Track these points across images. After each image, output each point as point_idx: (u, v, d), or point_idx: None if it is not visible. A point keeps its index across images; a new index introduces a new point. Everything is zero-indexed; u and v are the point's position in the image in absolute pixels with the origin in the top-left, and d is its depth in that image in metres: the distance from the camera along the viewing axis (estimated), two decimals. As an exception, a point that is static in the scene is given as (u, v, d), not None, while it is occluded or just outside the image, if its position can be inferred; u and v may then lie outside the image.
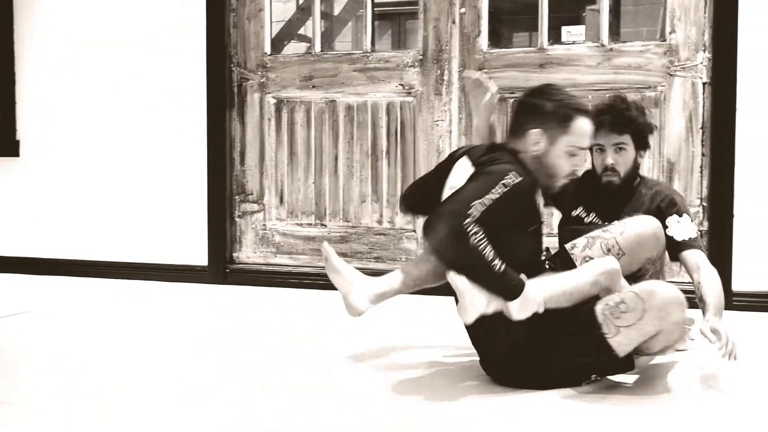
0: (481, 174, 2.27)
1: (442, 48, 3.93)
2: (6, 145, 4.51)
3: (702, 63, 3.60)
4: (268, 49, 4.21)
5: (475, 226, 2.13)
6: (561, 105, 2.35)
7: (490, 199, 2.17)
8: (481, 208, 2.15)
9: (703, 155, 3.61)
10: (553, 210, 3.09)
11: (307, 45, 4.26)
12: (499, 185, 2.19)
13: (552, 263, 2.53)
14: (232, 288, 4.09)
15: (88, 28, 4.37)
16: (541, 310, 2.23)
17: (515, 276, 2.20)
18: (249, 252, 4.25)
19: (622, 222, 2.55)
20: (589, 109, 2.43)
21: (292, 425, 2.07)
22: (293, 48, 6.22)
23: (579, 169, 2.41)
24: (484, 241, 2.13)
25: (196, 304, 3.74)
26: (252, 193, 4.23)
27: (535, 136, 2.34)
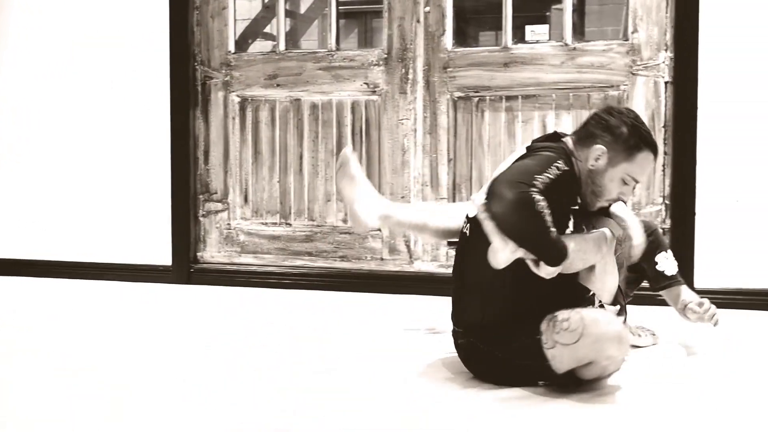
0: (537, 154, 2.29)
1: (406, 47, 3.93)
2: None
3: (664, 62, 3.63)
4: (232, 48, 4.18)
5: (539, 195, 2.13)
6: (635, 133, 2.34)
7: (547, 177, 2.17)
8: (545, 181, 2.16)
9: (665, 154, 3.63)
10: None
11: (273, 43, 4.24)
12: (553, 167, 2.20)
13: None
14: (196, 288, 4.06)
15: (51, 27, 4.32)
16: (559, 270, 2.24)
17: (563, 243, 2.19)
18: (213, 251, 4.22)
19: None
20: (657, 147, 2.41)
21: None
22: (259, 46, 6.18)
23: (625, 197, 2.42)
24: (547, 209, 2.13)
25: (163, 304, 3.71)
26: (216, 192, 4.21)
27: (599, 153, 2.34)
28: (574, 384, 2.30)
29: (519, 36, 6.57)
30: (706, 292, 3.47)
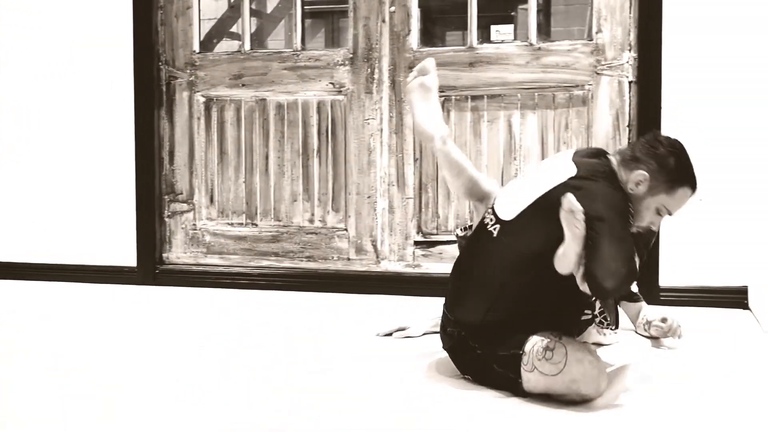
0: (599, 180, 2.29)
1: (372, 46, 3.93)
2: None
3: (628, 62, 3.66)
4: (197, 47, 4.15)
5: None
6: (680, 169, 2.35)
7: (629, 233, 2.23)
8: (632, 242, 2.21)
9: (629, 153, 3.66)
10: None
11: (239, 43, 4.21)
12: (629, 220, 2.28)
13: None
14: (163, 289, 4.03)
15: (6, 25, 4.27)
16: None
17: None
18: (179, 252, 4.19)
19: None
20: (697, 186, 2.40)
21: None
22: (225, 46, 6.15)
23: (654, 227, 2.44)
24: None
25: (131, 305, 3.68)
26: (181, 193, 4.18)
27: (641, 178, 2.33)
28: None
29: (484, 36, 6.61)
30: (670, 290, 3.53)
